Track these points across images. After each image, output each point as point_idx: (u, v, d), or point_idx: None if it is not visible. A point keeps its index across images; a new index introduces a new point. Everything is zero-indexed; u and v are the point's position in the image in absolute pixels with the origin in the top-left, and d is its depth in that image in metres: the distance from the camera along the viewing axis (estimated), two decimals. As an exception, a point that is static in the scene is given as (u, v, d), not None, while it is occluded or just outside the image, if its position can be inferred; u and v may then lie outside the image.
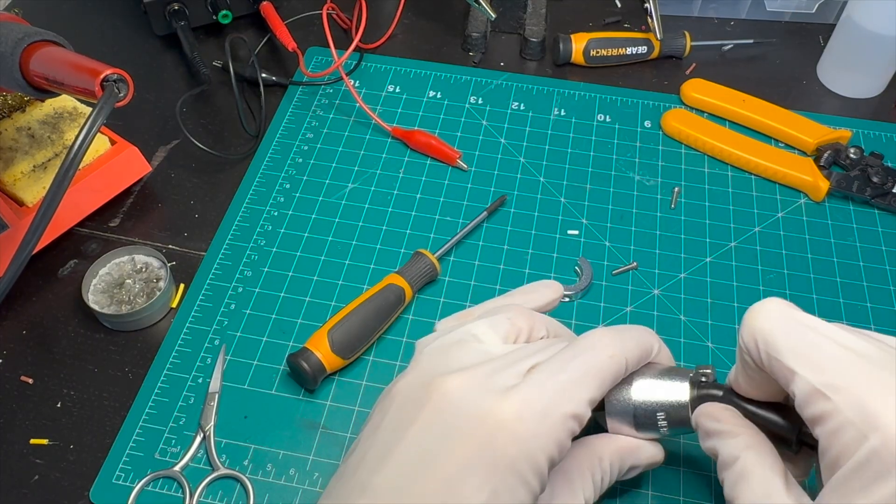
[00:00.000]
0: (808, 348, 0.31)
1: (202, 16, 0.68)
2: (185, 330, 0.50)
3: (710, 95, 0.64)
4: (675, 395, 0.37)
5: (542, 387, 0.33)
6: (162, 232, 0.55)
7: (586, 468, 0.37)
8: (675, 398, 0.37)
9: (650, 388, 0.37)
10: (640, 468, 0.39)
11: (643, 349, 0.37)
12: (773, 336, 0.32)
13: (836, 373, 0.29)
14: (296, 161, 0.60)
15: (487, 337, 0.37)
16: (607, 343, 0.35)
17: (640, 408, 0.37)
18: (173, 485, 0.43)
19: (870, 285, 0.53)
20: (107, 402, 0.47)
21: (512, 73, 0.68)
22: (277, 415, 0.46)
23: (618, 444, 0.38)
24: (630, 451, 0.38)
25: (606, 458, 0.37)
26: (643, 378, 0.37)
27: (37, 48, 0.41)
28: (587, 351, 0.35)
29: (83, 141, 0.38)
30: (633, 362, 0.36)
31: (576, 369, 0.34)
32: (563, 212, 0.57)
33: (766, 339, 0.32)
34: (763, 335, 0.32)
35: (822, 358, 0.30)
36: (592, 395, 0.34)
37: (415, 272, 0.50)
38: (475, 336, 0.37)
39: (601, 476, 0.37)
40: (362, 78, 0.67)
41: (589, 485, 0.37)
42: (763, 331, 0.32)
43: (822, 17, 0.72)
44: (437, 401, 0.33)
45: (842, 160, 0.59)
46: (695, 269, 0.53)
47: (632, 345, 0.36)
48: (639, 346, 0.37)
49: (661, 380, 0.37)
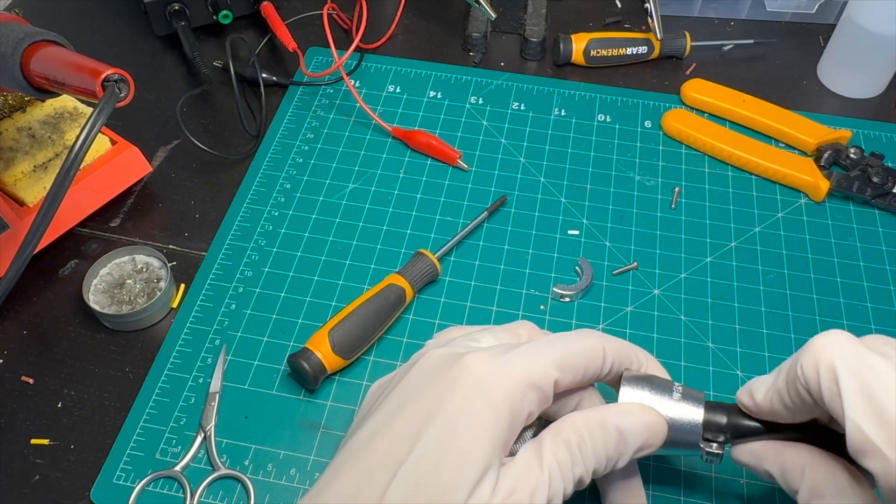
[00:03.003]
0: (871, 396, 0.30)
1: (202, 16, 0.68)
2: (185, 330, 0.50)
3: (711, 96, 0.64)
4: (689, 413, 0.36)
5: (509, 347, 0.35)
6: (162, 232, 0.55)
7: (559, 433, 0.33)
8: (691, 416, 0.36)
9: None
10: (639, 439, 0.34)
11: (626, 347, 0.37)
12: (839, 373, 0.30)
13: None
14: (296, 161, 0.60)
15: (487, 342, 0.38)
16: (585, 332, 0.36)
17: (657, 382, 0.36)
18: (174, 485, 0.43)
19: (870, 285, 0.53)
20: (107, 402, 0.47)
21: (512, 73, 0.68)
22: (278, 415, 0.46)
23: (597, 409, 0.35)
24: (616, 414, 0.34)
25: (582, 423, 0.34)
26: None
27: (38, 48, 0.41)
28: (563, 335, 0.36)
29: (84, 141, 0.38)
30: (613, 353, 0.36)
31: (545, 341, 0.35)
32: (563, 212, 0.57)
33: (830, 376, 0.30)
34: (828, 369, 0.31)
35: (885, 411, 0.29)
36: (555, 364, 0.34)
37: (415, 272, 0.50)
38: (476, 340, 0.38)
39: (577, 440, 0.33)
40: (363, 78, 0.67)
41: (563, 450, 0.33)
42: (829, 365, 0.31)
43: (823, 17, 0.72)
44: (420, 363, 0.36)
45: (842, 160, 0.59)
46: (695, 270, 0.53)
47: (614, 340, 0.37)
48: (621, 344, 0.37)
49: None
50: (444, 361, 0.35)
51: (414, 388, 0.35)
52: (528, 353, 0.34)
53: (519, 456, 0.33)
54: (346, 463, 0.33)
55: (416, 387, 0.35)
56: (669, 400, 0.36)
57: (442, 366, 0.35)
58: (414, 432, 0.32)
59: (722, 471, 0.44)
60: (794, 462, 0.34)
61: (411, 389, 0.35)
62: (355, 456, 0.33)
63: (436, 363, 0.35)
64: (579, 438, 0.33)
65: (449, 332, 0.42)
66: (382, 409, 0.35)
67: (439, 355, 0.36)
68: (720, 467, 0.44)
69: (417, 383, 0.35)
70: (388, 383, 0.38)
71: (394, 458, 0.32)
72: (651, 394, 0.36)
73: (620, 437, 0.34)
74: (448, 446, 0.32)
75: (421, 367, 0.36)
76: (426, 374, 0.35)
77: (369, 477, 0.32)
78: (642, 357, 0.38)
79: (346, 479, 0.32)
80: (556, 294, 0.51)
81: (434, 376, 0.34)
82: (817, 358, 0.31)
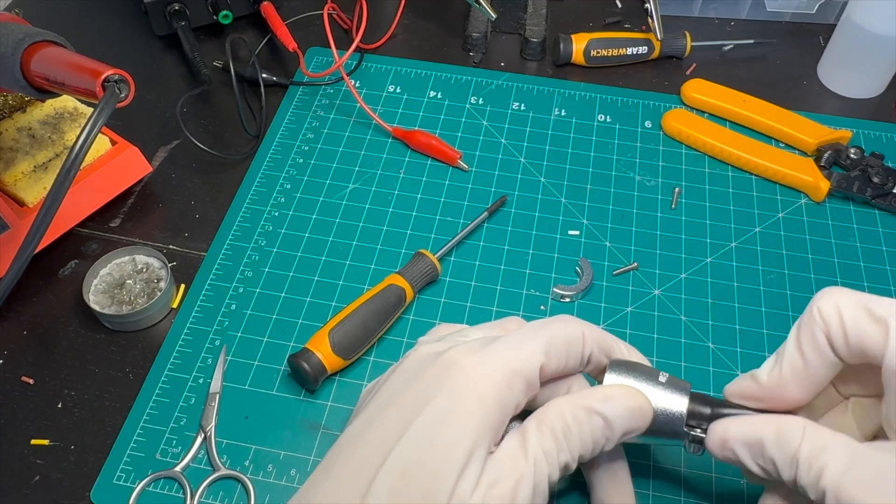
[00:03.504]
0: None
1: (202, 16, 0.68)
2: (185, 330, 0.50)
3: (711, 96, 0.64)
4: (674, 404, 0.35)
5: (493, 338, 0.36)
6: (162, 232, 0.55)
7: (543, 420, 0.33)
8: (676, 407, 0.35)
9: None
10: (625, 424, 0.34)
11: (605, 334, 0.37)
12: (868, 304, 0.31)
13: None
14: (296, 161, 0.60)
15: (475, 337, 0.38)
16: (566, 317, 0.37)
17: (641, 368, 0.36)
18: (174, 485, 0.43)
19: (871, 286, 0.53)
20: (108, 402, 0.47)
21: (512, 73, 0.68)
22: (278, 415, 0.46)
23: (582, 393, 0.34)
24: (601, 399, 0.34)
25: (567, 409, 0.33)
26: None
27: (38, 48, 0.41)
28: (542, 322, 0.37)
29: (85, 141, 0.38)
30: (594, 338, 0.36)
31: (527, 329, 0.36)
32: (563, 212, 0.57)
33: (864, 306, 0.31)
34: (851, 306, 0.31)
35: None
36: (539, 347, 0.34)
37: (415, 272, 0.50)
38: (465, 335, 0.39)
39: (562, 428, 0.33)
40: (363, 78, 0.67)
41: (548, 438, 0.32)
42: (850, 302, 0.32)
43: (823, 17, 0.72)
44: (408, 360, 0.37)
45: (842, 160, 0.59)
46: (695, 270, 0.53)
47: (592, 326, 0.37)
48: (600, 331, 0.37)
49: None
50: (432, 356, 0.36)
51: (402, 383, 0.35)
52: (512, 342, 0.35)
53: (504, 445, 0.33)
54: (337, 458, 0.34)
55: (405, 381, 0.35)
56: (654, 386, 0.35)
57: (429, 360, 0.35)
58: (402, 425, 0.33)
59: (722, 472, 0.44)
60: (792, 422, 0.32)
61: (399, 385, 0.35)
62: (345, 450, 0.34)
63: (423, 358, 0.36)
64: (564, 425, 0.33)
65: (439, 329, 0.42)
66: (372, 405, 0.35)
67: (427, 351, 0.36)
68: (722, 468, 0.44)
69: (405, 378, 0.36)
70: (378, 382, 0.39)
71: (382, 449, 0.32)
72: (636, 380, 0.36)
73: (606, 423, 0.33)
74: (435, 437, 0.32)
75: (409, 363, 0.36)
76: (414, 368, 0.36)
77: (359, 468, 0.32)
78: (623, 347, 0.38)
79: (336, 472, 0.33)
80: (557, 294, 0.51)
81: (421, 370, 0.35)
82: (835, 300, 0.32)
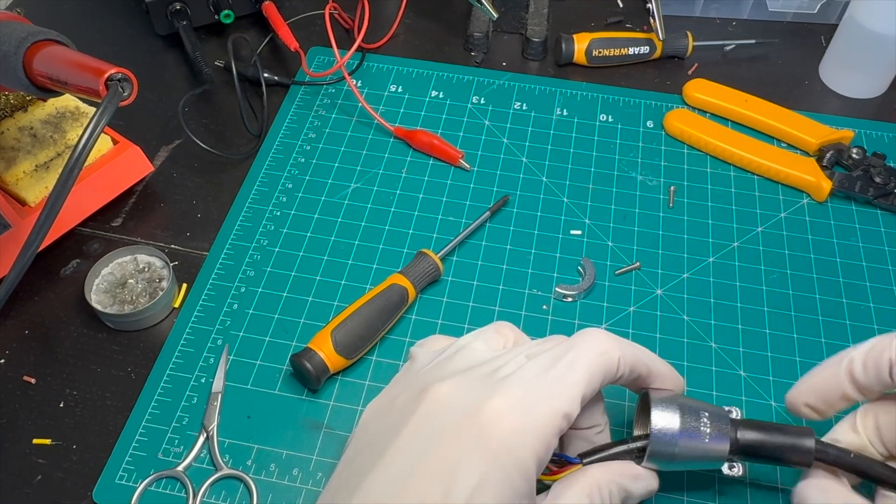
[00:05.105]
0: None
1: (204, 15, 0.68)
2: (187, 330, 0.49)
3: (713, 95, 0.64)
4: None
5: (529, 383, 0.33)
6: (164, 232, 0.55)
7: (585, 493, 0.35)
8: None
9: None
10: (635, 498, 0.37)
11: (640, 351, 0.37)
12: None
13: None
14: (298, 161, 0.60)
15: (476, 345, 0.38)
16: (599, 339, 0.35)
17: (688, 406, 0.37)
18: (176, 485, 0.43)
19: (872, 285, 0.53)
20: (110, 401, 0.47)
21: (514, 73, 0.68)
22: (280, 415, 0.46)
23: (617, 470, 0.36)
24: (630, 478, 0.36)
25: (605, 484, 0.35)
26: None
27: (40, 47, 0.41)
28: (576, 347, 0.35)
29: (87, 141, 0.38)
30: (628, 361, 0.36)
31: (564, 365, 0.34)
32: (565, 212, 0.57)
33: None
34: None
35: None
36: (581, 392, 0.33)
37: (418, 272, 0.50)
38: (464, 346, 0.38)
39: (601, 502, 0.35)
40: (364, 78, 0.67)
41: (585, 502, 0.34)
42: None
43: (824, 17, 0.72)
44: (428, 404, 0.34)
45: (844, 160, 0.59)
46: (698, 270, 0.53)
47: (626, 345, 0.36)
48: (635, 348, 0.36)
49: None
50: (459, 409, 0.33)
51: (427, 440, 0.32)
52: (548, 389, 0.33)
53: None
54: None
55: (430, 440, 0.32)
56: (695, 439, 0.36)
57: (458, 416, 0.32)
58: (436, 497, 0.30)
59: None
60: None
61: (424, 441, 0.32)
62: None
63: (448, 410, 0.33)
64: (601, 497, 0.35)
65: (435, 340, 0.41)
66: (393, 461, 0.32)
67: (449, 399, 0.33)
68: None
69: (430, 434, 0.32)
70: (387, 410, 0.36)
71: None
72: (681, 424, 0.36)
73: (629, 495, 0.36)
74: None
75: (431, 413, 0.33)
76: (439, 423, 0.33)
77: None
78: (657, 364, 0.38)
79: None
80: (559, 294, 0.51)
81: (451, 429, 0.32)
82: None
